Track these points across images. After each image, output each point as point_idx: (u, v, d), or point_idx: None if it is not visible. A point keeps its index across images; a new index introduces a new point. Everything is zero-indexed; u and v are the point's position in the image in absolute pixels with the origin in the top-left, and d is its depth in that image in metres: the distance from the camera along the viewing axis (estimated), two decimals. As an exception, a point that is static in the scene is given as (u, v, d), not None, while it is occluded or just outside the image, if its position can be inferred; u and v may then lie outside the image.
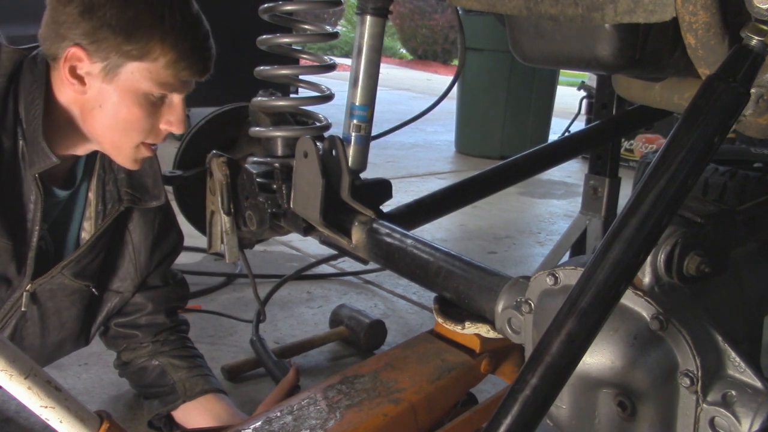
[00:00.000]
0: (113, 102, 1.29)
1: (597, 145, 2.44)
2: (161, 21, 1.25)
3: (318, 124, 1.69)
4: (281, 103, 1.68)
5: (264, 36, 1.70)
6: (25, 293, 1.37)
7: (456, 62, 13.39)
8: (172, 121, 1.35)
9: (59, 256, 1.43)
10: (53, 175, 1.37)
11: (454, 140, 5.56)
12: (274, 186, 1.62)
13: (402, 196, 2.33)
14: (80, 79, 1.28)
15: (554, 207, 4.05)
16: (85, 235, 1.45)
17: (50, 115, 1.30)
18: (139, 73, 1.27)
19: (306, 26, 1.72)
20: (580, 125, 4.96)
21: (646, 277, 0.94)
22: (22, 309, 1.38)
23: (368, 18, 1.61)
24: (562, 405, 1.00)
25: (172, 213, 1.63)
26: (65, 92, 1.30)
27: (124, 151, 1.35)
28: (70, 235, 1.45)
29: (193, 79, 1.34)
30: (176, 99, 1.34)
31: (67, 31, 1.25)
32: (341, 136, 1.58)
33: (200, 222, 1.80)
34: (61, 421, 0.99)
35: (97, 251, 1.46)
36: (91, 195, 1.45)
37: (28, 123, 1.29)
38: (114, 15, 1.23)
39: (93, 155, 1.44)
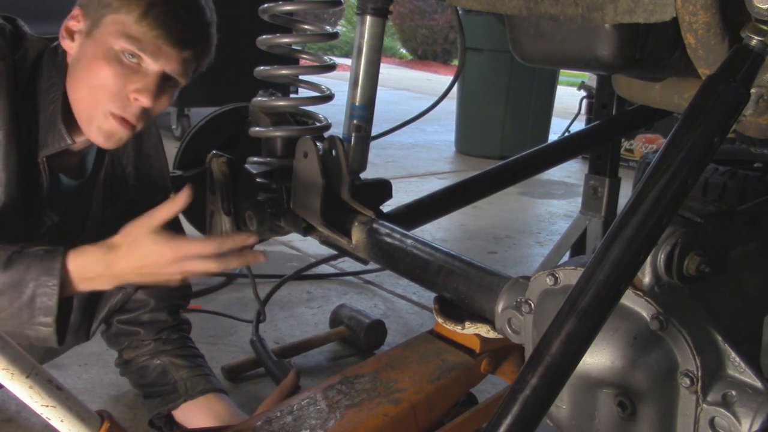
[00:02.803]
0: (88, 56, 1.29)
1: (597, 145, 2.44)
2: None
3: (318, 124, 1.69)
4: (281, 103, 1.69)
5: (264, 36, 1.70)
6: None
7: (456, 62, 13.39)
8: (140, 89, 1.29)
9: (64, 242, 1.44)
10: (63, 165, 1.38)
11: (454, 140, 5.55)
12: (274, 186, 1.62)
13: (402, 196, 2.34)
14: (71, 36, 1.31)
15: (554, 207, 4.05)
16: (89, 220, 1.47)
17: (64, 99, 1.32)
18: (112, 26, 1.27)
19: (306, 26, 1.72)
20: (580, 125, 4.96)
21: (646, 277, 0.94)
22: None
23: (368, 18, 1.61)
24: (562, 405, 1.00)
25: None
26: (66, 60, 1.33)
27: (94, 119, 1.31)
28: (77, 229, 1.46)
29: (168, 46, 1.28)
30: (151, 68, 1.29)
31: None
32: (341, 136, 1.58)
33: (200, 222, 1.80)
34: (62, 421, 1.00)
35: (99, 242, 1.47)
36: (99, 189, 1.46)
37: (44, 107, 1.30)
38: None
39: (102, 151, 1.45)
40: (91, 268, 1.26)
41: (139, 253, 1.26)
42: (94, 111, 1.30)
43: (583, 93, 5.29)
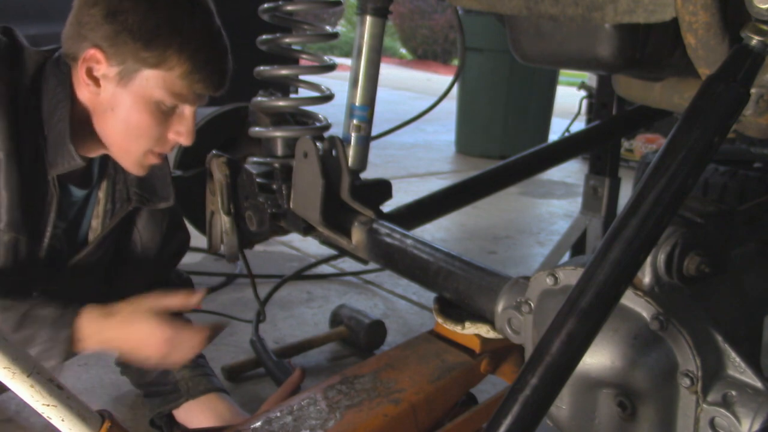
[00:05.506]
0: (125, 106, 1.30)
1: (597, 145, 2.44)
2: (181, 31, 1.26)
3: (318, 124, 1.69)
4: (281, 103, 1.68)
5: (264, 36, 1.70)
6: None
7: (456, 62, 13.40)
8: (181, 132, 1.35)
9: (71, 253, 1.45)
10: (71, 176, 1.39)
11: (454, 140, 5.56)
12: (274, 186, 1.62)
13: (402, 196, 2.34)
14: (96, 81, 1.29)
15: (554, 207, 4.05)
16: (92, 234, 1.46)
17: (72, 116, 1.31)
18: (153, 81, 1.27)
19: (306, 26, 1.72)
20: (580, 125, 4.96)
21: (646, 277, 0.94)
22: None
23: (368, 18, 1.61)
24: (562, 405, 1.00)
25: (179, 213, 1.64)
26: (82, 93, 1.32)
27: (131, 156, 1.36)
28: (81, 233, 1.47)
29: (206, 92, 1.34)
30: (187, 110, 1.34)
31: (89, 32, 1.26)
32: (341, 136, 1.58)
33: (200, 222, 1.80)
34: (62, 420, 1.00)
35: (104, 249, 1.47)
36: (101, 194, 1.46)
37: (51, 125, 1.30)
38: (136, 21, 1.24)
39: (106, 156, 1.45)
40: (85, 327, 1.29)
41: (133, 327, 1.30)
42: (133, 150, 1.35)
43: (583, 93, 5.29)
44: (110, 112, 1.31)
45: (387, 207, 1.62)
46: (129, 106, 1.29)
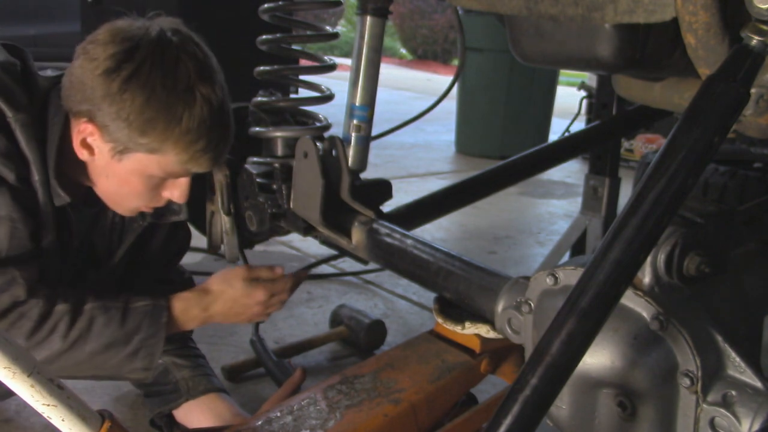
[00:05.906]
0: (119, 176, 1.31)
1: (597, 145, 2.44)
2: (178, 123, 1.24)
3: (318, 124, 1.69)
4: (281, 103, 1.69)
5: (264, 36, 1.70)
6: None
7: (456, 62, 13.40)
8: (175, 195, 1.37)
9: (87, 266, 1.49)
10: (80, 197, 1.41)
11: (454, 140, 5.56)
12: (274, 186, 1.62)
13: (402, 196, 2.34)
14: (90, 149, 1.29)
15: (554, 207, 4.05)
16: (101, 247, 1.50)
17: (65, 150, 1.32)
18: (147, 161, 1.28)
19: (306, 26, 1.72)
20: (580, 125, 4.96)
21: (646, 277, 0.94)
22: None
23: (368, 18, 1.61)
24: (562, 405, 1.00)
25: None
26: (77, 150, 1.31)
27: (122, 209, 1.40)
28: (92, 247, 1.50)
29: (203, 171, 1.36)
30: (183, 179, 1.35)
31: (87, 102, 1.25)
32: (341, 136, 1.58)
33: (200, 222, 1.80)
34: (63, 420, 0.99)
35: (121, 261, 1.53)
36: (107, 209, 1.48)
37: (48, 158, 1.31)
38: (133, 111, 1.22)
39: None
40: (189, 312, 1.39)
41: (232, 296, 1.41)
42: (125, 204, 1.38)
43: (583, 93, 5.29)
44: (104, 177, 1.33)
45: (387, 207, 1.62)
46: (123, 177, 1.30)
